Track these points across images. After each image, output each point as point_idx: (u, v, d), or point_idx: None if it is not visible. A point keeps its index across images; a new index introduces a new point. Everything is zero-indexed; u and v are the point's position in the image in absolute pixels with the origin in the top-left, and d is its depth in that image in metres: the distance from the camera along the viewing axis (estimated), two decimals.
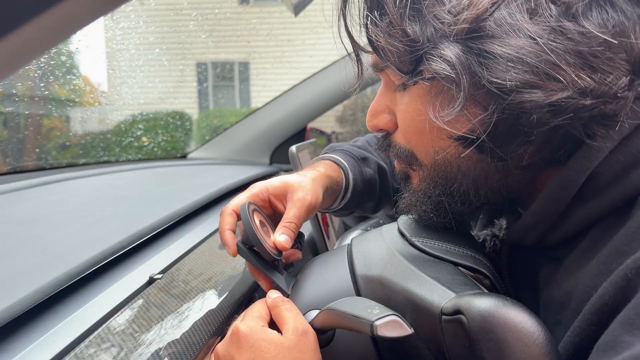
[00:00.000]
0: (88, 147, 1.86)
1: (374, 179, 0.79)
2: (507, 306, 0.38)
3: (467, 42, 0.42)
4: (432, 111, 0.45)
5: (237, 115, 5.01)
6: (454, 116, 0.44)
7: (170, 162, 1.52)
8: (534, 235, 0.49)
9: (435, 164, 0.49)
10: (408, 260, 0.47)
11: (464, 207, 0.50)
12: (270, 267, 0.54)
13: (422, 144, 0.50)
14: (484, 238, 0.60)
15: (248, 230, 0.51)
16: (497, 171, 0.47)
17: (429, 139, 0.49)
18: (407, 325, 0.38)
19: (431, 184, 0.51)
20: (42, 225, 0.65)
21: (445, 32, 0.42)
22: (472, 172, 0.48)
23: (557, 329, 0.44)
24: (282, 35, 4.78)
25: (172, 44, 3.01)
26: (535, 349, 0.36)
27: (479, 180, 0.48)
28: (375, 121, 0.56)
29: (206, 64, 5.05)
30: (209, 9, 3.22)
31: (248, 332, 0.45)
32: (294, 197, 0.61)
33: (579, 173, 0.43)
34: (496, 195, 0.49)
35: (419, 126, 0.49)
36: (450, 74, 0.42)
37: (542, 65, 0.39)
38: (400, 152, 0.54)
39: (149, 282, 0.56)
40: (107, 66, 1.77)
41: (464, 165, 0.48)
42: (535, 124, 0.41)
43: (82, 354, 0.41)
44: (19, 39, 0.23)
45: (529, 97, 0.40)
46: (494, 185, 0.48)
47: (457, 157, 0.47)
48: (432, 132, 0.48)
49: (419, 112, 0.48)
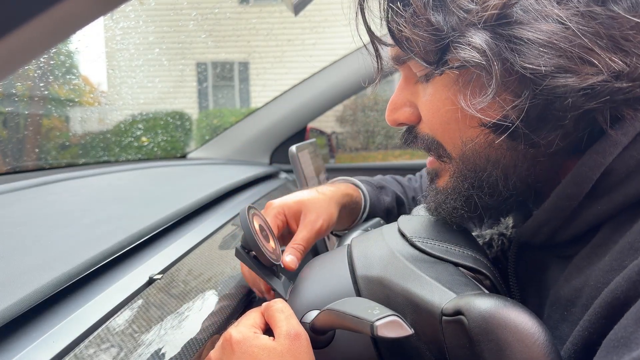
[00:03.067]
0: (88, 147, 1.86)
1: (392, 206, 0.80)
2: (508, 307, 0.38)
3: (496, 29, 0.41)
4: (464, 100, 0.45)
5: (237, 115, 5.01)
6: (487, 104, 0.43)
7: (170, 162, 1.52)
8: (545, 233, 0.49)
9: (464, 155, 0.49)
10: (408, 261, 0.47)
11: (492, 200, 0.50)
12: (269, 272, 0.54)
13: (449, 134, 0.50)
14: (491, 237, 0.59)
15: (247, 235, 0.51)
16: (526, 159, 0.47)
17: (456, 129, 0.49)
18: (407, 325, 0.38)
19: (460, 179, 0.50)
20: (42, 225, 0.65)
21: (472, 20, 0.42)
22: (501, 161, 0.47)
23: (563, 326, 0.44)
24: (282, 35, 4.78)
25: (172, 44, 3.01)
26: (535, 350, 0.36)
27: (508, 170, 0.48)
28: (395, 115, 0.55)
29: (206, 64, 5.05)
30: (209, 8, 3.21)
31: (240, 339, 0.45)
32: (306, 219, 0.62)
33: (593, 169, 0.43)
34: (524, 184, 0.49)
35: (445, 116, 0.49)
36: (481, 61, 0.41)
37: (575, 49, 0.39)
38: (429, 143, 0.53)
39: (148, 283, 0.56)
40: (106, 66, 1.77)
41: (493, 154, 0.47)
42: (569, 108, 0.41)
43: (82, 354, 0.41)
44: (19, 39, 0.23)
45: (563, 82, 0.39)
46: (523, 174, 0.48)
47: (487, 146, 0.47)
48: (459, 121, 0.48)
49: (446, 101, 0.48)
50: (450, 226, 0.54)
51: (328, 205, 0.65)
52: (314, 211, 0.63)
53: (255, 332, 0.46)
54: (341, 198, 0.69)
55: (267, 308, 0.49)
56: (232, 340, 0.45)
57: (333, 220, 0.65)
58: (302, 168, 0.87)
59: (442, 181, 0.54)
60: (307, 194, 0.65)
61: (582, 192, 0.44)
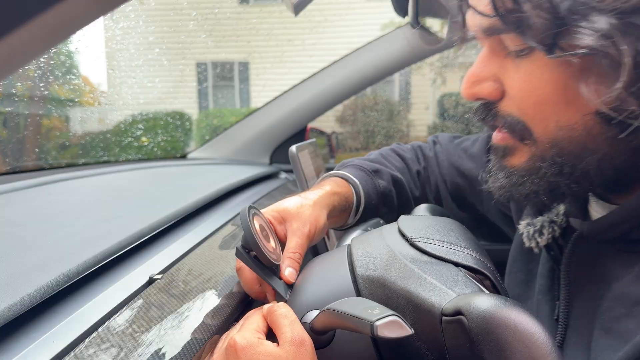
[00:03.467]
0: (88, 147, 1.86)
1: (388, 190, 0.78)
2: (508, 307, 0.38)
3: (626, 18, 0.38)
4: (586, 87, 0.42)
5: (237, 115, 5.01)
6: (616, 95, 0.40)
7: (170, 162, 1.52)
8: (618, 230, 0.47)
9: (556, 140, 0.46)
10: (408, 261, 0.47)
11: (579, 188, 0.47)
12: (269, 272, 0.54)
13: (541, 116, 0.46)
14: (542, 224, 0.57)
15: (247, 235, 0.51)
16: (627, 150, 0.44)
17: (552, 112, 0.45)
18: (407, 325, 0.38)
19: (547, 162, 0.47)
20: (42, 225, 0.65)
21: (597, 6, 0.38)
22: (599, 151, 0.45)
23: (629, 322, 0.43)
24: (282, 35, 4.78)
25: (172, 44, 3.01)
26: (535, 350, 0.36)
27: (605, 160, 0.45)
28: (476, 89, 0.51)
29: (206, 64, 5.05)
30: (209, 8, 3.22)
31: (245, 345, 0.45)
32: (293, 227, 0.60)
33: None
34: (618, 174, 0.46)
35: (542, 97, 0.46)
36: (612, 51, 0.38)
37: None
38: (512, 123, 0.49)
39: (148, 283, 0.56)
40: (106, 66, 1.77)
41: (591, 143, 0.44)
42: None
43: (82, 354, 0.41)
44: (19, 39, 0.23)
45: None
46: (619, 164, 0.45)
47: (585, 133, 0.44)
48: (556, 104, 0.45)
49: (547, 82, 0.45)
50: (450, 226, 0.54)
51: (312, 210, 0.62)
52: (299, 219, 0.60)
53: (260, 338, 0.46)
54: (327, 199, 0.67)
55: (270, 313, 0.48)
56: (236, 346, 0.45)
57: (320, 225, 0.62)
58: (302, 168, 0.87)
59: (517, 160, 0.51)
60: (290, 202, 0.63)
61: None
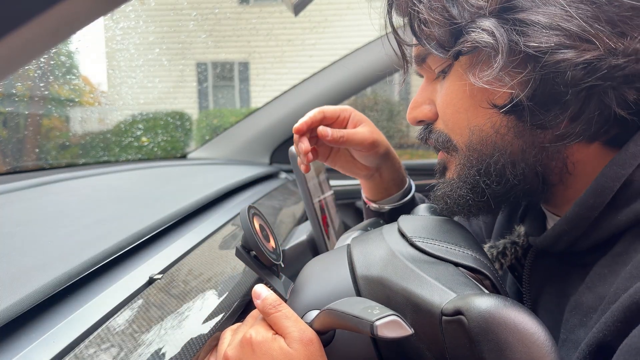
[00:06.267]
0: (88, 147, 1.86)
1: None
2: (508, 307, 0.38)
3: (502, 15, 0.45)
4: (473, 76, 0.48)
5: (237, 115, 5.01)
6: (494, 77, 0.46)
7: (170, 162, 1.52)
8: (565, 242, 0.50)
9: (471, 144, 0.52)
10: (408, 261, 0.47)
11: (500, 187, 0.51)
12: (269, 272, 0.54)
13: (458, 124, 0.53)
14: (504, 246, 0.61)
15: (247, 235, 0.51)
16: (534, 145, 0.49)
17: (464, 118, 0.52)
18: (407, 325, 0.38)
19: (466, 166, 0.53)
20: (42, 225, 0.65)
21: (482, 13, 0.46)
22: (508, 148, 0.50)
23: (580, 331, 0.45)
24: (282, 35, 4.78)
25: (172, 44, 3.01)
26: (535, 350, 0.36)
27: (516, 156, 0.50)
28: (415, 113, 0.59)
29: (206, 64, 5.05)
30: (209, 9, 3.22)
31: (261, 340, 0.45)
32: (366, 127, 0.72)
33: (614, 180, 0.44)
34: (532, 172, 0.50)
35: (456, 105, 0.52)
36: (490, 41, 0.45)
37: (574, 28, 0.42)
38: (438, 138, 0.56)
39: (148, 282, 0.56)
40: (107, 66, 1.77)
41: (499, 141, 0.50)
42: (570, 83, 0.43)
43: (82, 354, 0.41)
44: (19, 39, 0.23)
45: (563, 56, 0.42)
46: (530, 160, 0.49)
47: (493, 133, 0.50)
48: (468, 109, 0.51)
49: (458, 91, 0.52)
50: (450, 226, 0.54)
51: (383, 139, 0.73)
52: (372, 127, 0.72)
53: (275, 334, 0.47)
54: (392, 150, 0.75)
55: (268, 315, 0.48)
56: (252, 340, 0.46)
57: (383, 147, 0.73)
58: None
59: (450, 173, 0.57)
60: None
61: (603, 202, 0.45)
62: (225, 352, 0.48)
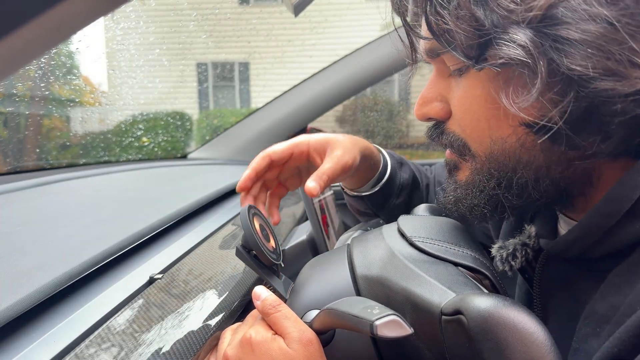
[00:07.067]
0: (88, 147, 1.86)
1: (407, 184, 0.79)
2: (507, 306, 0.38)
3: (540, 29, 0.40)
4: (505, 98, 0.43)
5: (237, 115, 5.01)
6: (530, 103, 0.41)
7: (170, 162, 1.52)
8: (578, 248, 0.48)
9: (491, 154, 0.48)
10: (408, 260, 0.47)
11: (520, 201, 0.48)
12: (269, 272, 0.54)
13: (477, 132, 0.48)
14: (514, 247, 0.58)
15: (247, 234, 0.51)
16: (560, 162, 0.45)
17: (486, 127, 0.47)
18: (407, 325, 0.38)
19: (485, 177, 0.49)
20: (42, 225, 0.65)
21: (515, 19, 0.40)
22: (534, 163, 0.46)
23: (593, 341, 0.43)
24: (282, 35, 4.78)
25: (172, 44, 3.01)
26: (535, 349, 0.36)
27: (540, 172, 0.46)
28: (425, 109, 0.53)
29: (206, 64, 5.05)
30: (209, 9, 3.21)
31: (261, 340, 0.45)
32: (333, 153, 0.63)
33: (634, 189, 0.42)
34: (555, 187, 0.47)
35: (477, 113, 0.47)
36: (526, 59, 0.40)
37: (625, 52, 0.37)
38: (453, 141, 0.51)
39: (149, 282, 0.56)
40: (107, 66, 1.77)
41: (525, 155, 0.46)
42: (617, 114, 0.39)
43: (82, 354, 0.41)
44: (19, 39, 0.23)
45: (611, 85, 0.38)
46: (556, 177, 0.46)
47: (518, 147, 0.45)
48: (490, 119, 0.47)
49: (479, 98, 0.47)
50: (450, 226, 0.54)
51: (353, 146, 0.66)
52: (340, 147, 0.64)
53: (274, 334, 0.46)
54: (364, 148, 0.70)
55: (267, 315, 0.48)
56: (251, 340, 0.46)
57: (356, 161, 0.66)
58: None
59: (463, 175, 0.53)
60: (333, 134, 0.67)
61: (621, 210, 0.43)
62: (225, 352, 0.48)
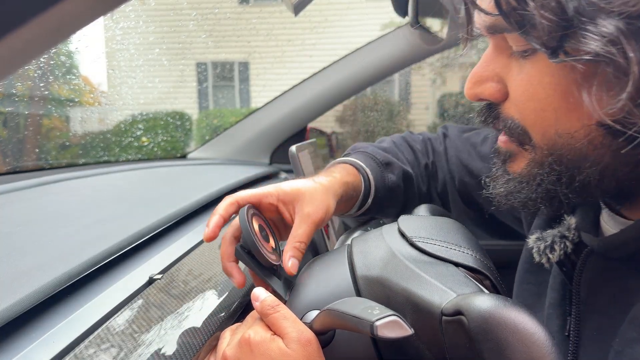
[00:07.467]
0: (88, 147, 1.86)
1: (396, 185, 0.75)
2: (508, 307, 0.38)
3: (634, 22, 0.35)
4: (588, 96, 0.39)
5: (237, 115, 5.01)
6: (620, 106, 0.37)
7: (170, 162, 1.52)
8: (631, 248, 0.45)
9: (554, 147, 0.43)
10: (408, 261, 0.47)
11: (579, 199, 0.45)
12: (269, 273, 0.54)
13: (541, 122, 0.44)
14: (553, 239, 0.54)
15: (246, 236, 0.51)
16: (629, 163, 0.41)
17: (552, 118, 0.43)
18: (407, 325, 0.38)
19: (545, 170, 0.45)
20: (42, 225, 0.65)
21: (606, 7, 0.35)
22: (601, 163, 0.42)
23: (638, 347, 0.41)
24: (282, 35, 4.78)
25: (172, 44, 3.01)
26: (535, 350, 0.36)
27: (607, 172, 0.42)
28: (478, 89, 0.48)
29: (206, 64, 5.05)
30: (209, 8, 3.21)
31: (260, 340, 0.45)
32: (304, 211, 0.57)
33: None
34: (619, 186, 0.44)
35: (543, 102, 0.43)
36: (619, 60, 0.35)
37: None
38: (512, 128, 0.47)
39: (148, 283, 0.56)
40: (107, 66, 1.77)
41: (592, 153, 0.42)
42: None
43: (82, 354, 0.41)
44: (19, 39, 0.23)
45: None
46: (622, 177, 0.43)
47: (586, 143, 0.41)
48: (559, 110, 0.42)
49: (548, 87, 0.42)
50: (450, 226, 0.54)
51: (326, 196, 0.60)
52: (311, 203, 0.58)
53: (273, 335, 0.46)
54: (339, 188, 0.64)
55: (266, 316, 0.48)
56: (250, 341, 0.45)
57: (330, 212, 0.60)
58: (302, 168, 0.87)
59: (517, 166, 0.49)
60: (304, 183, 0.61)
61: None
62: (224, 352, 0.48)
